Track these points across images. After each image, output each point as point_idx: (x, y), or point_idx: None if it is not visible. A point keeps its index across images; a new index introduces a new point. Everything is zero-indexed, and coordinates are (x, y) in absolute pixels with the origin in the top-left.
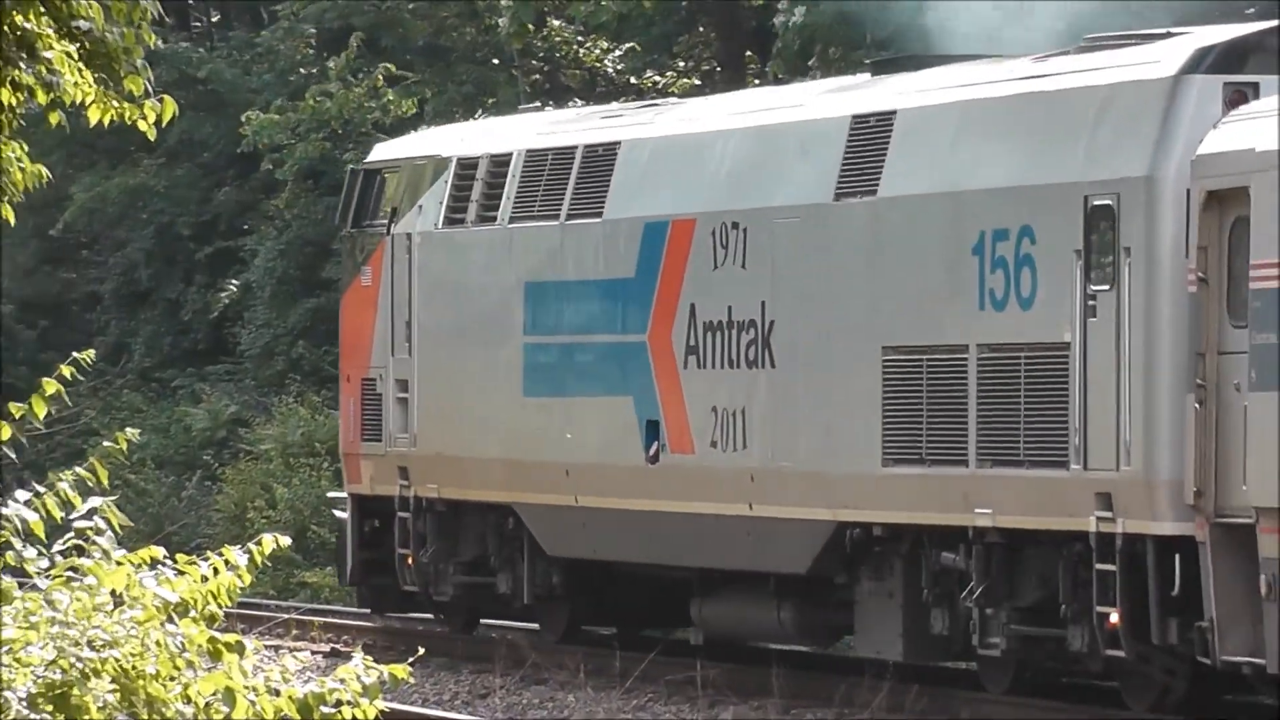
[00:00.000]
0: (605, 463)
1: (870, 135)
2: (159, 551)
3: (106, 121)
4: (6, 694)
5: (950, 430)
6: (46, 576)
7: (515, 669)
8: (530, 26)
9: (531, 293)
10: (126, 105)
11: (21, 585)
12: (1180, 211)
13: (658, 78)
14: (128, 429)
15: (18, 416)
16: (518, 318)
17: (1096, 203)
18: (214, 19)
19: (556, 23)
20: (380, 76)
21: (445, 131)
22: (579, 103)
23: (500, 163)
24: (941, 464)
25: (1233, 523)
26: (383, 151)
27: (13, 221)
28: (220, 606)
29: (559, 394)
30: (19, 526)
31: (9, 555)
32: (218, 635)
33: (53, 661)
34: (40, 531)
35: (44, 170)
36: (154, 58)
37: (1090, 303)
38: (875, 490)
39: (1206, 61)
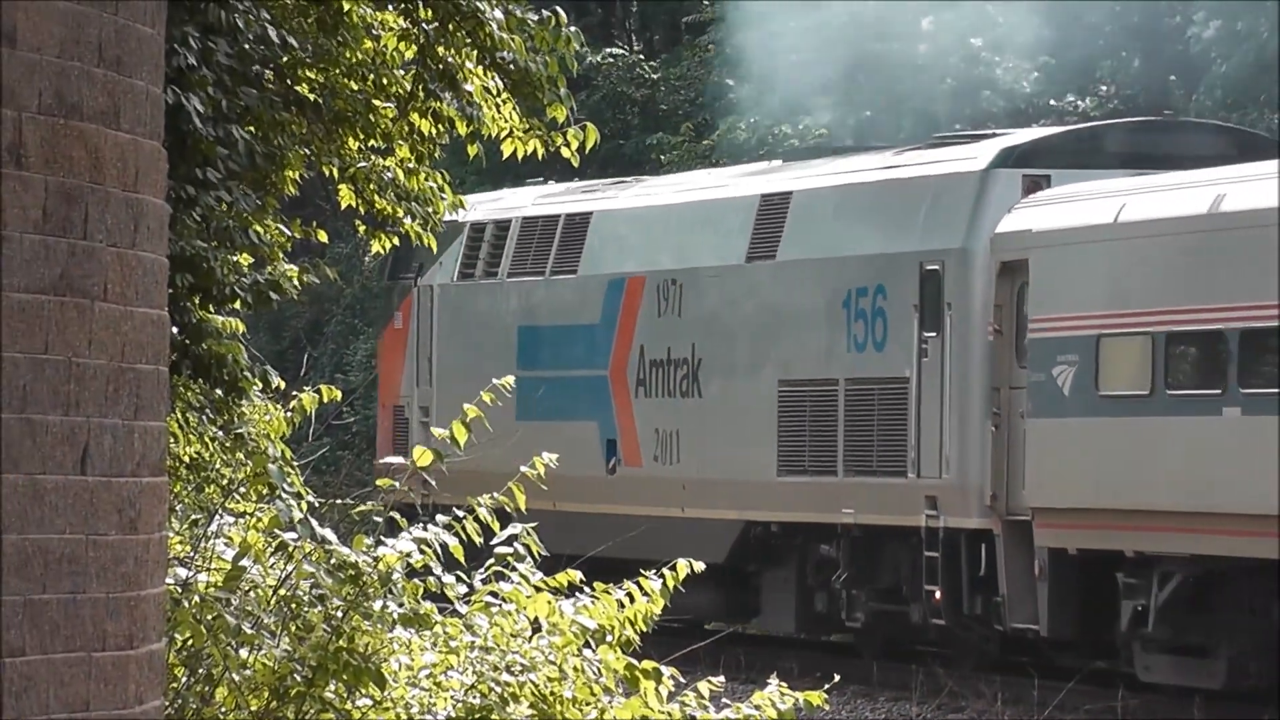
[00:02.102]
0: (576, 475)
1: (773, 211)
2: (576, 575)
3: (521, 155)
4: (427, 717)
5: (825, 447)
6: (466, 602)
7: (932, 697)
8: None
9: (523, 335)
10: (549, 133)
11: (442, 610)
12: (988, 276)
13: (1080, 101)
14: (545, 453)
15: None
16: (512, 355)
17: (928, 268)
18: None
19: (976, 41)
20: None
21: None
22: (991, 126)
23: (502, 227)
24: (819, 473)
25: (1018, 519)
26: None
27: (434, 248)
28: (636, 632)
29: (543, 418)
30: (438, 551)
31: (430, 580)
32: (635, 662)
33: (472, 686)
34: (460, 556)
35: (464, 200)
36: (585, 73)
37: (923, 346)
38: (772, 495)
39: (1011, 158)
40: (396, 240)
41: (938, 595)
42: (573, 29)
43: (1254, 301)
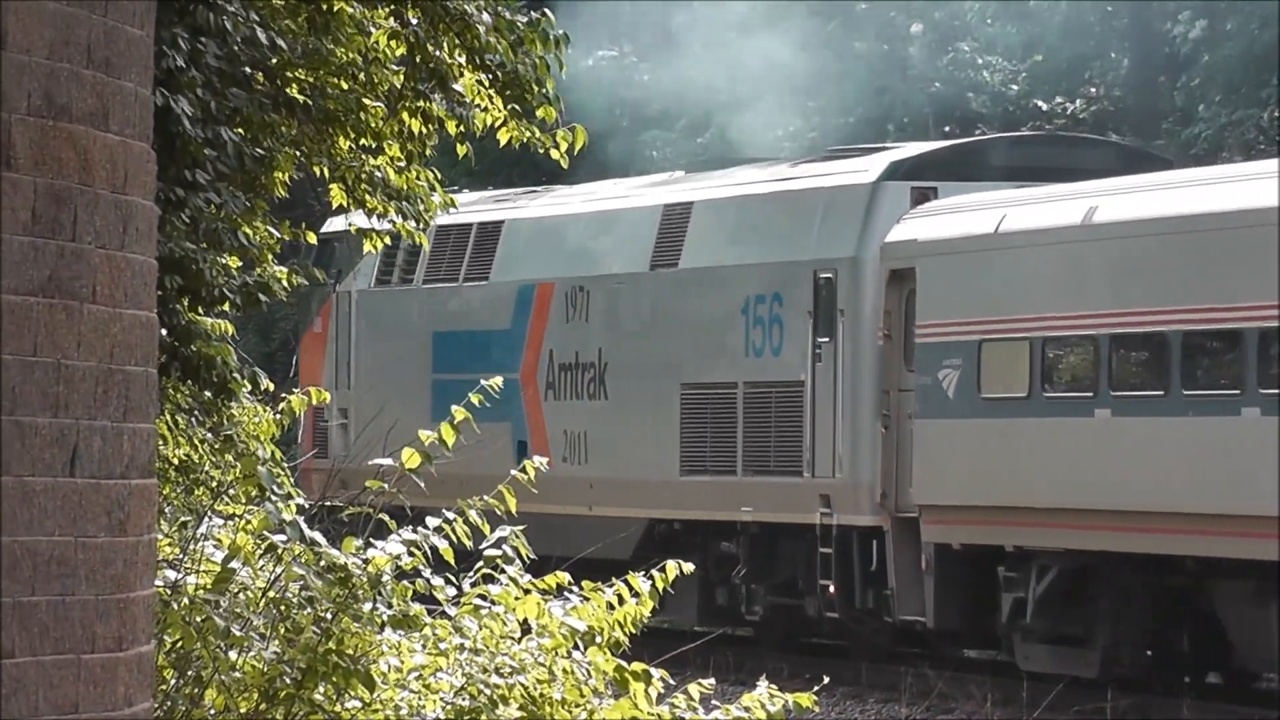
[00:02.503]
0: (490, 474)
1: (675, 221)
2: (564, 577)
3: (516, 144)
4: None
5: (725, 448)
6: (455, 604)
7: (922, 699)
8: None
9: (438, 339)
10: (539, 134)
11: (431, 612)
12: (878, 284)
13: (1068, 104)
14: (536, 457)
15: (426, 443)
16: (428, 359)
17: (822, 276)
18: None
19: (963, 45)
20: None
21: None
22: (982, 129)
23: None
24: (719, 473)
25: (906, 516)
26: (334, 223)
27: (426, 247)
28: (626, 634)
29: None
30: (428, 554)
31: (419, 582)
32: (624, 664)
33: (462, 688)
34: (450, 558)
35: (454, 199)
36: (575, 76)
37: (817, 351)
38: (675, 494)
39: (899, 171)
40: (388, 239)
41: (832, 589)
42: (561, 31)
43: (1125, 308)
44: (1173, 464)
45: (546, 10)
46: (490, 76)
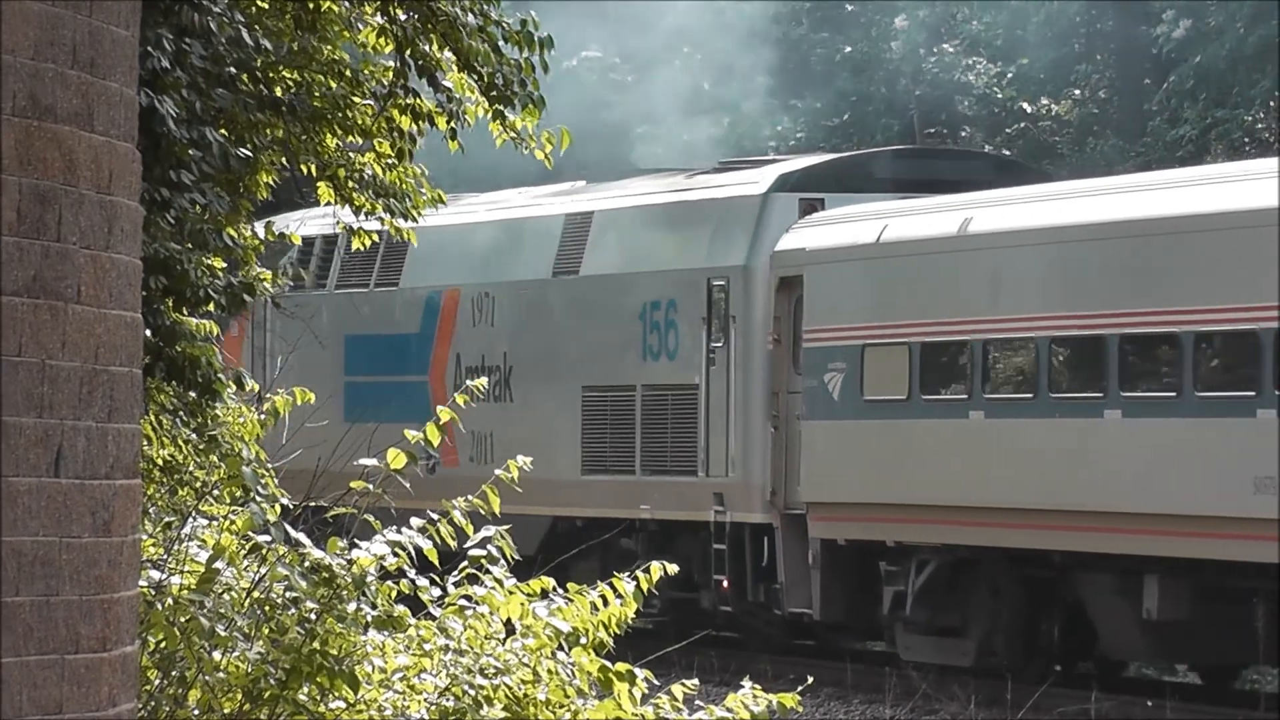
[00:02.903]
0: (400, 474)
1: (577, 229)
2: (549, 581)
3: (500, 143)
4: None
5: (624, 448)
6: (439, 605)
7: (906, 699)
8: (920, 49)
9: (350, 343)
10: (525, 135)
11: (416, 613)
12: (768, 291)
13: (1053, 105)
14: (520, 456)
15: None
16: (340, 362)
17: (715, 283)
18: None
19: (948, 47)
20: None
21: (295, 215)
22: (967, 131)
23: (330, 241)
24: (619, 473)
25: (794, 513)
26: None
27: (415, 243)
28: (610, 635)
29: (368, 420)
30: (412, 555)
31: (404, 583)
32: (609, 665)
33: (446, 688)
34: (434, 559)
35: (442, 194)
36: (558, 77)
37: (711, 355)
38: (577, 493)
39: (788, 183)
40: (376, 237)
41: (725, 584)
42: (546, 33)
43: (997, 315)
44: (1041, 463)
45: (532, 12)
46: (475, 77)
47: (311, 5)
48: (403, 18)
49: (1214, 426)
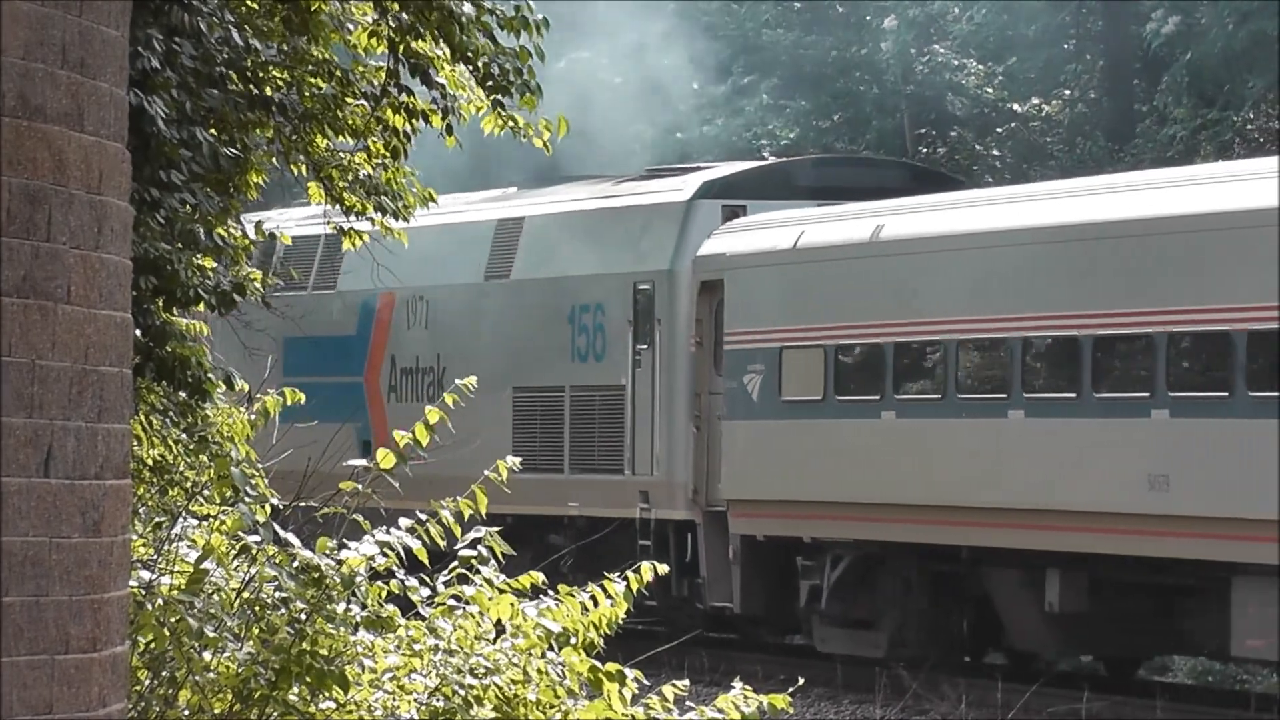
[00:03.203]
0: (337, 473)
1: (508, 234)
2: (539, 578)
3: (499, 132)
4: None
5: (553, 447)
6: (429, 605)
7: (896, 699)
8: (912, 50)
9: (288, 345)
10: (522, 123)
11: (406, 613)
12: (691, 295)
13: (1044, 106)
14: (508, 456)
15: (401, 445)
16: (279, 363)
17: (641, 287)
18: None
19: (940, 47)
20: (764, 97)
21: (253, 215)
22: (957, 132)
23: (271, 241)
24: (549, 471)
25: (716, 510)
26: None
27: (406, 243)
28: (600, 635)
29: (305, 420)
30: (401, 555)
31: (393, 583)
32: (599, 665)
33: (436, 688)
34: (424, 559)
35: (433, 193)
36: (550, 77)
37: (637, 357)
38: (509, 490)
39: (712, 190)
40: (367, 238)
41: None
42: (541, 16)
43: (906, 319)
44: (948, 462)
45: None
46: (472, 68)
47: (303, 4)
48: (396, 7)
49: (1111, 426)
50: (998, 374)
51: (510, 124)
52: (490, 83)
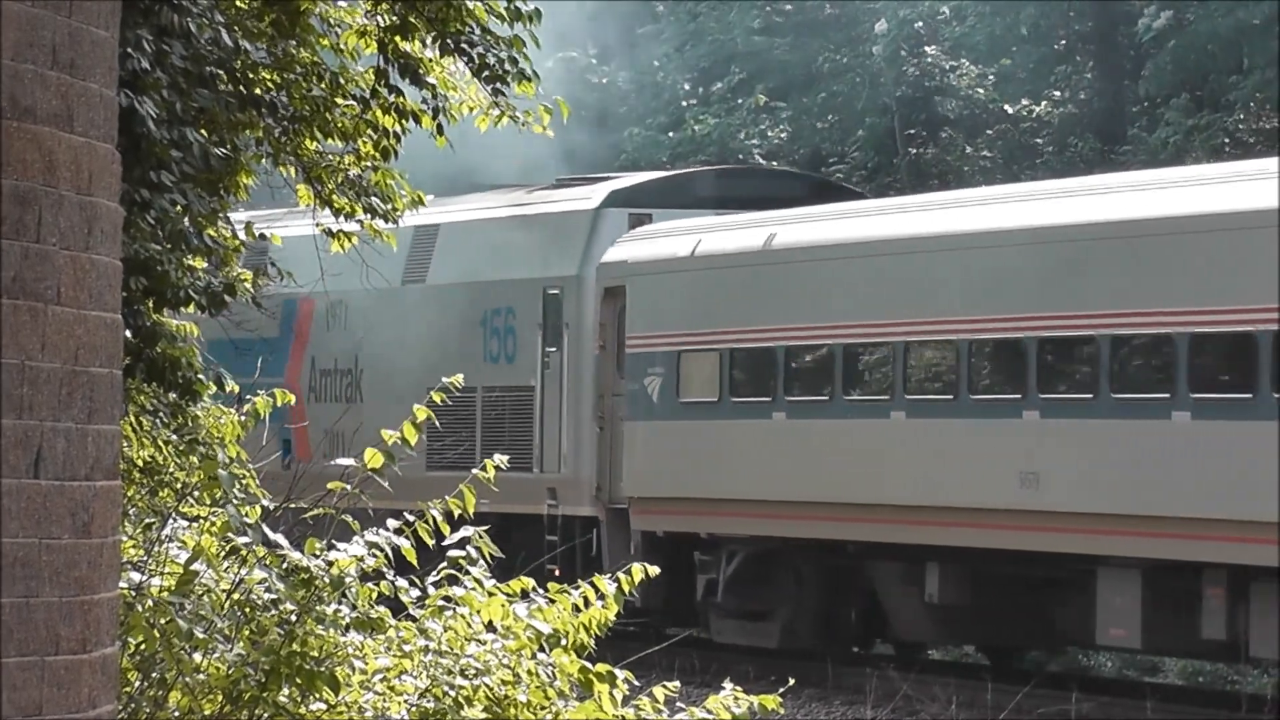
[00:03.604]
0: (258, 468)
1: (424, 241)
2: (529, 582)
3: (499, 125)
4: None
5: (466, 445)
6: (419, 606)
7: (887, 701)
8: (903, 52)
9: (212, 347)
10: (521, 111)
11: (396, 614)
12: (597, 300)
13: (1034, 106)
14: (496, 455)
15: (389, 443)
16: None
17: (550, 292)
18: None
19: (931, 49)
20: (760, 98)
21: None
22: (948, 133)
23: None
24: (460, 469)
25: (618, 507)
26: None
27: (394, 246)
28: (591, 636)
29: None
30: (390, 555)
31: (383, 584)
32: (589, 666)
33: (426, 690)
34: (413, 559)
35: (422, 195)
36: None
37: (545, 359)
38: (422, 488)
39: (618, 199)
40: (355, 240)
41: (557, 572)
42: (534, 6)
43: (797, 323)
44: (836, 461)
45: None
46: (467, 59)
47: (293, 7)
48: (387, 8)
49: (986, 427)
50: (881, 376)
51: (510, 115)
52: (486, 72)
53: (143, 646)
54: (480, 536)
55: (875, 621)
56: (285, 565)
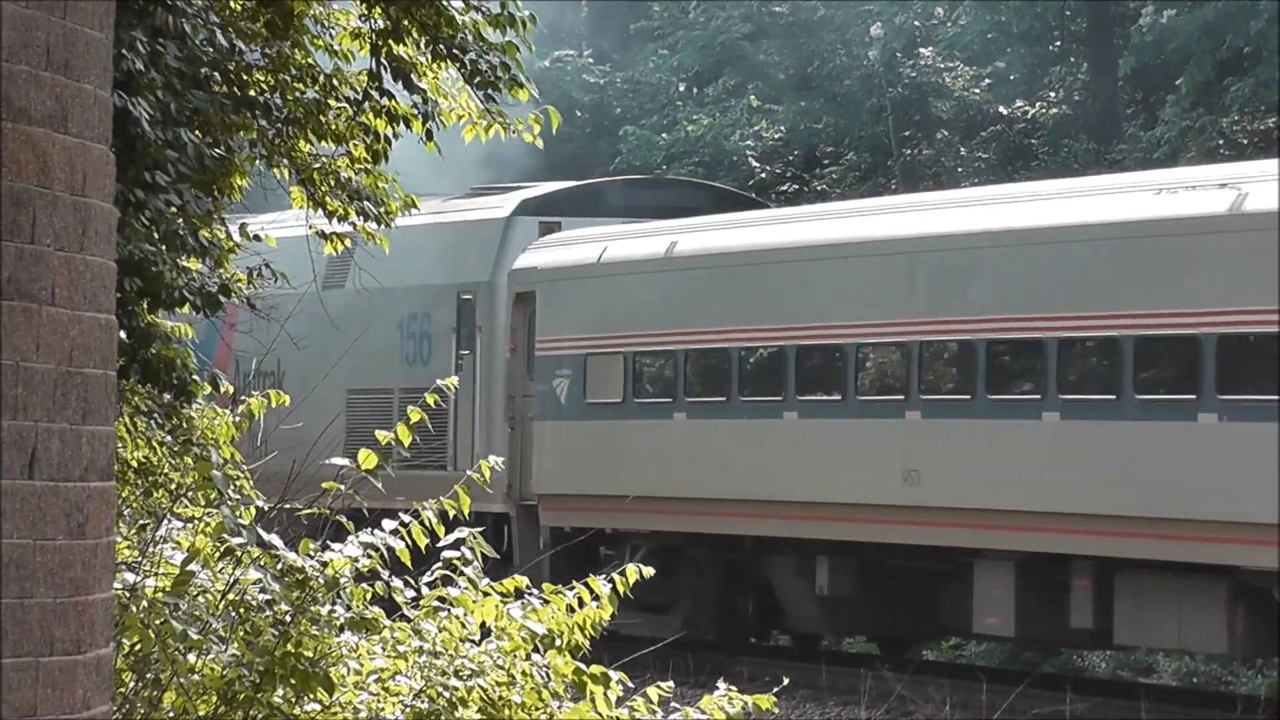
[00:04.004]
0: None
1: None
2: (523, 581)
3: (485, 138)
4: None
5: (385, 445)
6: (414, 606)
7: (881, 701)
8: (898, 54)
9: None
10: (511, 119)
11: (390, 615)
12: (509, 305)
13: (1028, 108)
14: (490, 456)
15: (384, 444)
16: None
17: (464, 297)
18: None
19: (925, 51)
20: (753, 99)
21: None
22: (943, 134)
23: None
24: (378, 467)
25: (528, 504)
26: None
27: (387, 249)
28: (586, 637)
29: None
30: (385, 556)
31: (378, 585)
32: (583, 667)
33: (421, 691)
34: (407, 560)
35: (415, 198)
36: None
37: (460, 361)
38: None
39: (529, 207)
40: (349, 242)
41: None
42: (528, 13)
43: (697, 328)
44: (733, 459)
45: None
46: (458, 65)
47: (286, 8)
48: (380, 12)
49: (871, 427)
50: (774, 379)
51: (500, 124)
52: (478, 79)
53: (137, 647)
54: (474, 537)
55: (772, 613)
56: (280, 566)
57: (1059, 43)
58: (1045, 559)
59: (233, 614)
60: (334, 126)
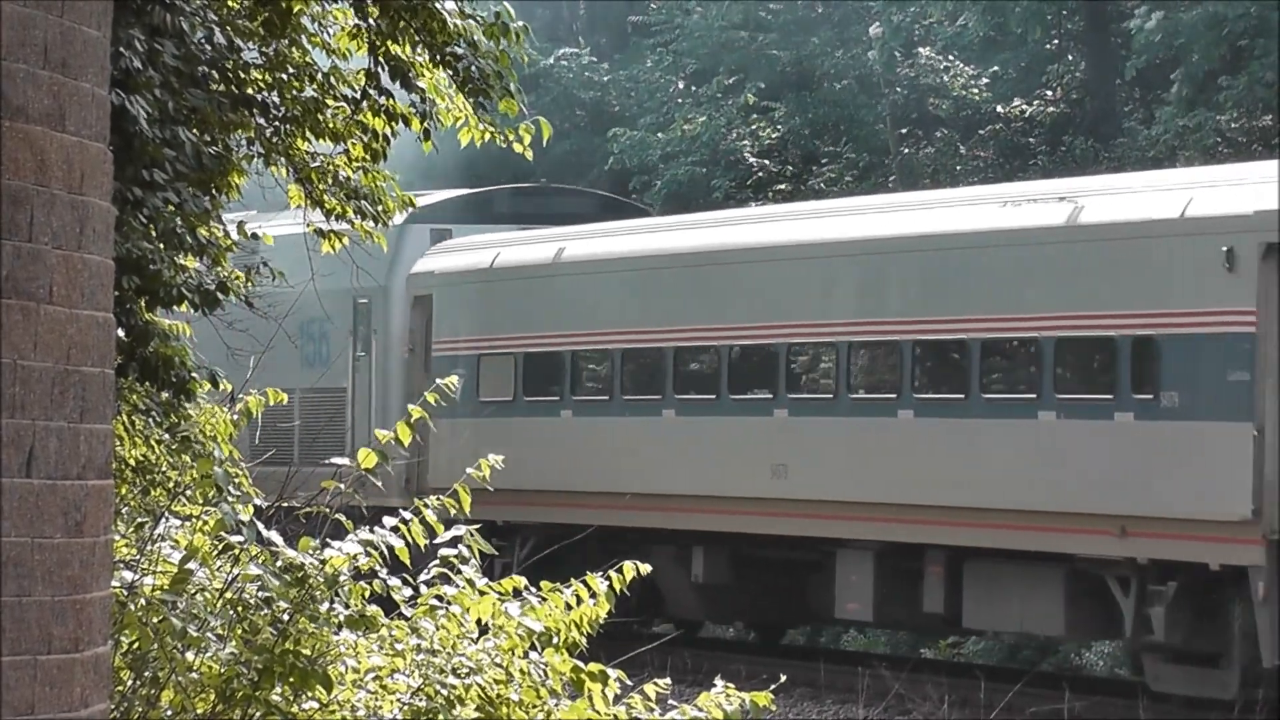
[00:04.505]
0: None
1: (246, 253)
2: (521, 581)
3: (479, 142)
4: None
5: (285, 443)
6: (412, 605)
7: (879, 700)
8: (898, 54)
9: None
10: (503, 128)
11: (388, 613)
12: (404, 308)
13: (1025, 106)
14: (491, 455)
15: (383, 442)
16: None
17: (360, 301)
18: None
19: (924, 50)
20: (750, 96)
21: None
22: (942, 133)
23: None
24: (280, 464)
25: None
26: None
27: (385, 248)
28: (583, 634)
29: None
30: (384, 554)
31: (375, 583)
32: (581, 665)
33: (419, 689)
34: (405, 558)
35: (411, 197)
36: (535, 75)
37: (357, 363)
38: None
39: (420, 215)
40: (346, 240)
41: None
42: (521, 23)
43: (584, 330)
44: (616, 454)
45: (506, 5)
46: (451, 72)
47: (284, 6)
48: (376, 14)
49: (742, 424)
50: (654, 378)
51: (490, 131)
52: (470, 85)
53: (136, 645)
54: (472, 535)
55: (654, 601)
56: (279, 564)
57: (1056, 41)
58: (901, 548)
59: (231, 612)
60: (332, 125)
